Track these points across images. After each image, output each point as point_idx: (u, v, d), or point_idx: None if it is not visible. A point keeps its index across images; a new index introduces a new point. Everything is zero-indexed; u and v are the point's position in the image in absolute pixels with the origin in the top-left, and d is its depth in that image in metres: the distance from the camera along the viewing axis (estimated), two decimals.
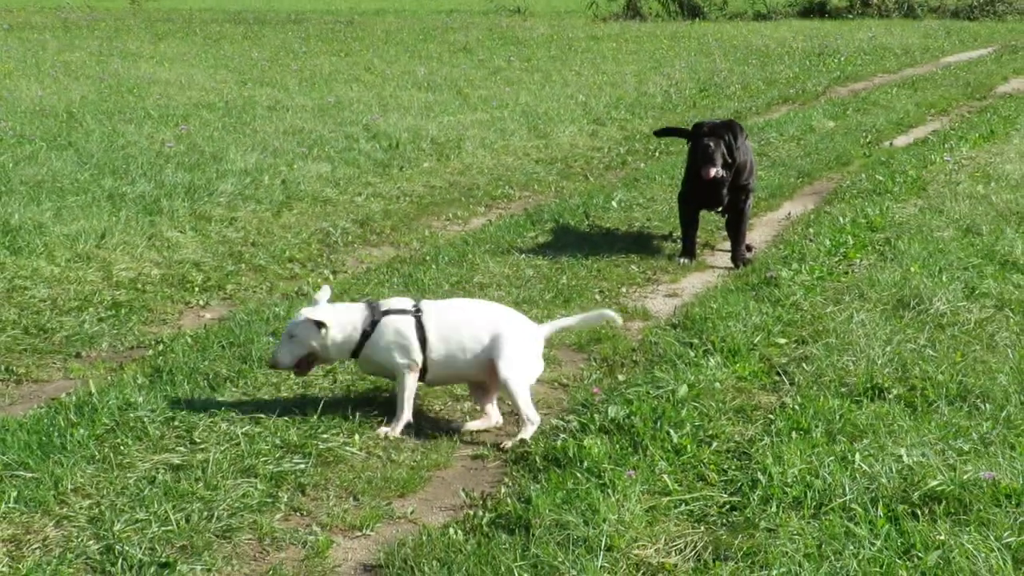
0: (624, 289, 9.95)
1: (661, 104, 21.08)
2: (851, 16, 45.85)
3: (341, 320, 7.00)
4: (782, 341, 8.24)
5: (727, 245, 11.01)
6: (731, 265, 10.56)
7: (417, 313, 6.95)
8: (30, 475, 6.09)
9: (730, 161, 10.33)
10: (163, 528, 5.63)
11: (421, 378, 6.96)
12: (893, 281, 9.45)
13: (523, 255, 10.66)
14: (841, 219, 11.92)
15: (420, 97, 20.83)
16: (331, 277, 10.02)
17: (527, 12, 48.17)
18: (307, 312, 6.93)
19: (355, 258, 11.03)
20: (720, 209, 10.67)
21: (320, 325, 6.91)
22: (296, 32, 35.91)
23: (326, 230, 11.85)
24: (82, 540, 5.56)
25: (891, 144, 17.10)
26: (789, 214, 12.74)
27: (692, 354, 7.87)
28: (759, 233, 11.81)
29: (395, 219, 12.45)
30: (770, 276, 9.84)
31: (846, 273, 10.03)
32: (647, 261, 10.80)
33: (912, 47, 32.11)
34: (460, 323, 6.91)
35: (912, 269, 9.84)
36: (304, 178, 13.73)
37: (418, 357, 6.89)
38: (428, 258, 10.57)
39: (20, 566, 5.31)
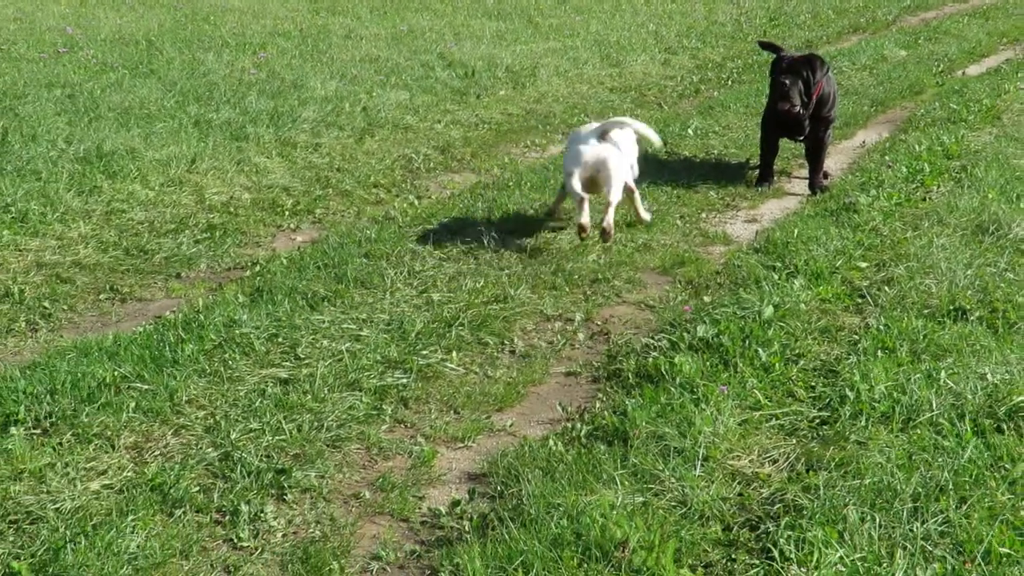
0: (704, 215, 9.91)
1: (731, 33, 20.84)
2: None
3: None
4: (863, 265, 8.24)
5: (804, 172, 10.94)
6: (808, 192, 10.56)
7: None
8: (146, 387, 6.30)
9: (805, 99, 10.27)
10: (276, 437, 5.87)
11: None
12: (971, 207, 9.39)
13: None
14: (917, 147, 11.77)
15: (491, 26, 20.47)
16: (416, 202, 10.06)
17: None
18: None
19: (438, 183, 10.95)
20: (800, 138, 10.58)
21: None
22: None
23: (408, 156, 11.77)
24: (201, 447, 5.79)
25: (963, 73, 16.85)
26: (864, 142, 12.59)
27: (775, 277, 7.94)
28: (834, 161, 11.71)
29: (474, 146, 12.35)
30: (849, 202, 9.78)
31: (924, 199, 9.96)
32: (725, 188, 10.74)
33: None
34: None
35: (990, 195, 9.76)
36: (384, 105, 13.60)
37: None
38: (511, 184, 10.52)
39: (145, 471, 5.55)
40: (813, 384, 6.36)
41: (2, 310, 7.50)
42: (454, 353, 6.94)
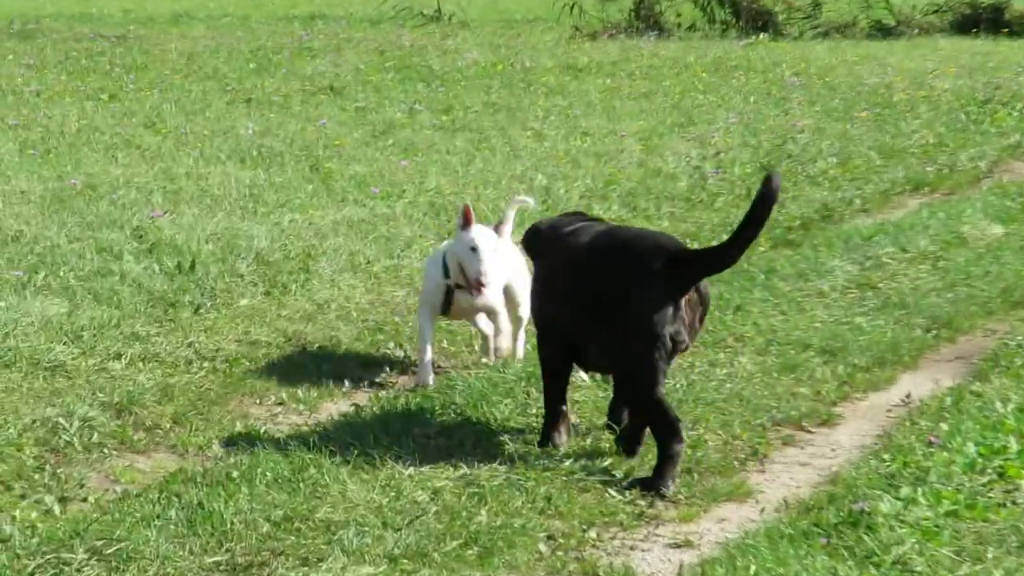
0: (595, 533, 8.03)
1: (686, 193, 17.64)
2: None
3: None
4: None
5: (795, 456, 9.37)
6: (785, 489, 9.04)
7: None
8: None
9: None
10: None
11: None
12: None
13: (406, 467, 8.81)
14: (1000, 406, 9.76)
15: (242, 176, 17.69)
16: (55, 509, 8.18)
17: (452, 21, 40.29)
18: None
19: (103, 473, 8.92)
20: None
21: None
22: (21, 55, 32.48)
23: (53, 421, 9.56)
24: None
25: None
26: (908, 395, 10.44)
27: None
28: (848, 429, 9.99)
29: (181, 403, 10.19)
30: (859, 509, 8.15)
31: (1002, 504, 8.22)
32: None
33: None
34: None
35: None
36: (16, 327, 11.42)
37: None
38: (238, 477, 8.56)
39: None
40: None
41: None
42: None
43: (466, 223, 10.48)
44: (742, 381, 10.50)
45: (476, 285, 10.16)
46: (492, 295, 10.39)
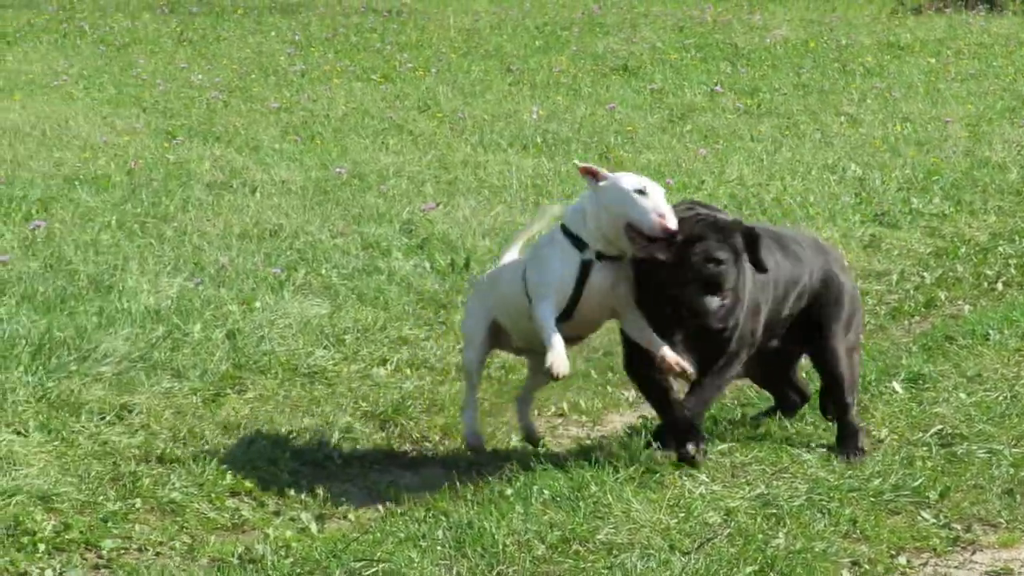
0: (905, 559, 7.96)
1: (1018, 185, 17.74)
2: None
3: None
4: None
5: None
6: None
7: None
8: None
9: None
10: None
11: None
12: None
13: (697, 485, 8.94)
14: None
15: (525, 165, 17.95)
16: (312, 527, 8.31)
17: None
18: None
19: (365, 490, 9.14)
20: None
21: None
22: (285, 31, 33.18)
23: (313, 432, 9.75)
24: None
25: None
26: None
27: None
28: None
29: (451, 414, 10.20)
30: None
31: None
32: (956, 500, 8.69)
33: None
34: None
35: None
36: (274, 328, 11.59)
37: None
38: (511, 495, 8.71)
39: None
40: None
41: None
42: None
43: (597, 175, 9.51)
44: None
45: (662, 228, 8.84)
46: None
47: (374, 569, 7.98)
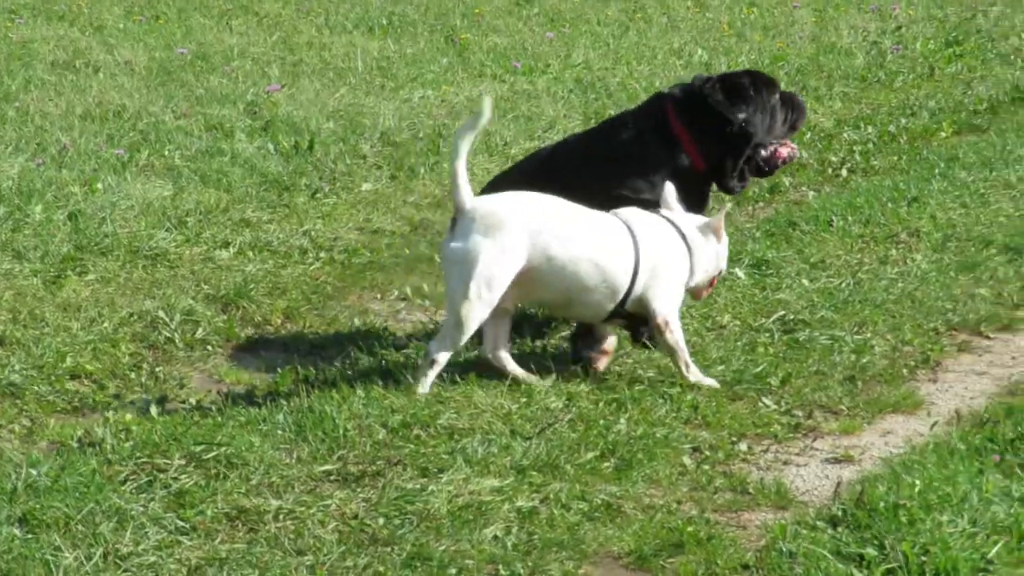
0: (745, 445, 8.10)
1: (863, 71, 17.93)
2: None
3: None
4: None
5: (971, 364, 9.41)
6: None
7: None
8: None
9: None
10: None
11: None
12: None
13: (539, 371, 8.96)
14: None
15: (371, 47, 18.13)
16: (152, 412, 8.37)
17: None
18: None
19: (206, 373, 9.32)
20: None
21: None
22: None
23: (152, 315, 9.81)
24: None
25: None
26: None
27: None
28: None
29: (294, 297, 10.43)
30: None
31: None
32: (801, 391, 8.77)
33: None
34: None
35: None
36: (115, 210, 11.59)
37: None
38: (352, 378, 8.68)
39: None
40: None
41: None
42: None
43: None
44: (915, 280, 10.54)
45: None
46: None
47: (214, 453, 7.95)
